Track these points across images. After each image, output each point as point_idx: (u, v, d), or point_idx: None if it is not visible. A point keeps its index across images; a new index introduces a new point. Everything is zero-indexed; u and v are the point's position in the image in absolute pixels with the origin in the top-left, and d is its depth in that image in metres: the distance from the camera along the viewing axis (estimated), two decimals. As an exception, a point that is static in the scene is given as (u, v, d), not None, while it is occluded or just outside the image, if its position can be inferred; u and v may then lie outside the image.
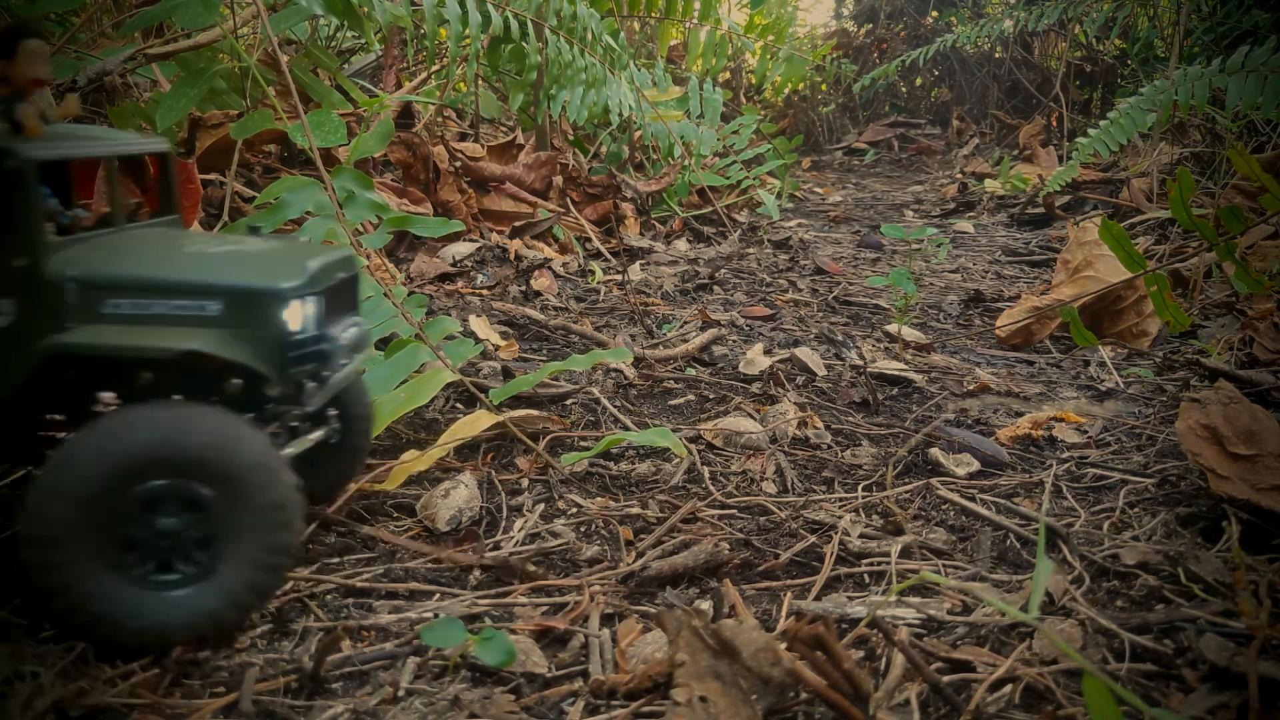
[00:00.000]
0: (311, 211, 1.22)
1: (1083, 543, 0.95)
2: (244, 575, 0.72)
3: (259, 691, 0.70)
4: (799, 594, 0.87)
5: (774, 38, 3.41)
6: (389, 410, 1.08)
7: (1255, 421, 1.00)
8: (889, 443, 1.27)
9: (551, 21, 2.19)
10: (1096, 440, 1.29)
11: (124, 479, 0.69)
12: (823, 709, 0.68)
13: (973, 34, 4.16)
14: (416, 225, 1.32)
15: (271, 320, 0.76)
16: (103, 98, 1.75)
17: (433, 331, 1.17)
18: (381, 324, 1.17)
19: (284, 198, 1.23)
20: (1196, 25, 3.23)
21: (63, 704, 0.66)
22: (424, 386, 1.10)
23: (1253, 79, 2.14)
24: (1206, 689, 0.70)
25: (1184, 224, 1.43)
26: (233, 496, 0.71)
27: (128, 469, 0.69)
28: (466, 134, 2.80)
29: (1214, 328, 1.83)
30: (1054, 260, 2.25)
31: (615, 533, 0.97)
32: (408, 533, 0.97)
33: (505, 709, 0.68)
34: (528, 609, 0.83)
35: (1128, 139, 2.54)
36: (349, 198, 1.25)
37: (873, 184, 4.08)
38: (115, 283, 0.75)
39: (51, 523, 0.69)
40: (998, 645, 0.77)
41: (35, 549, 0.69)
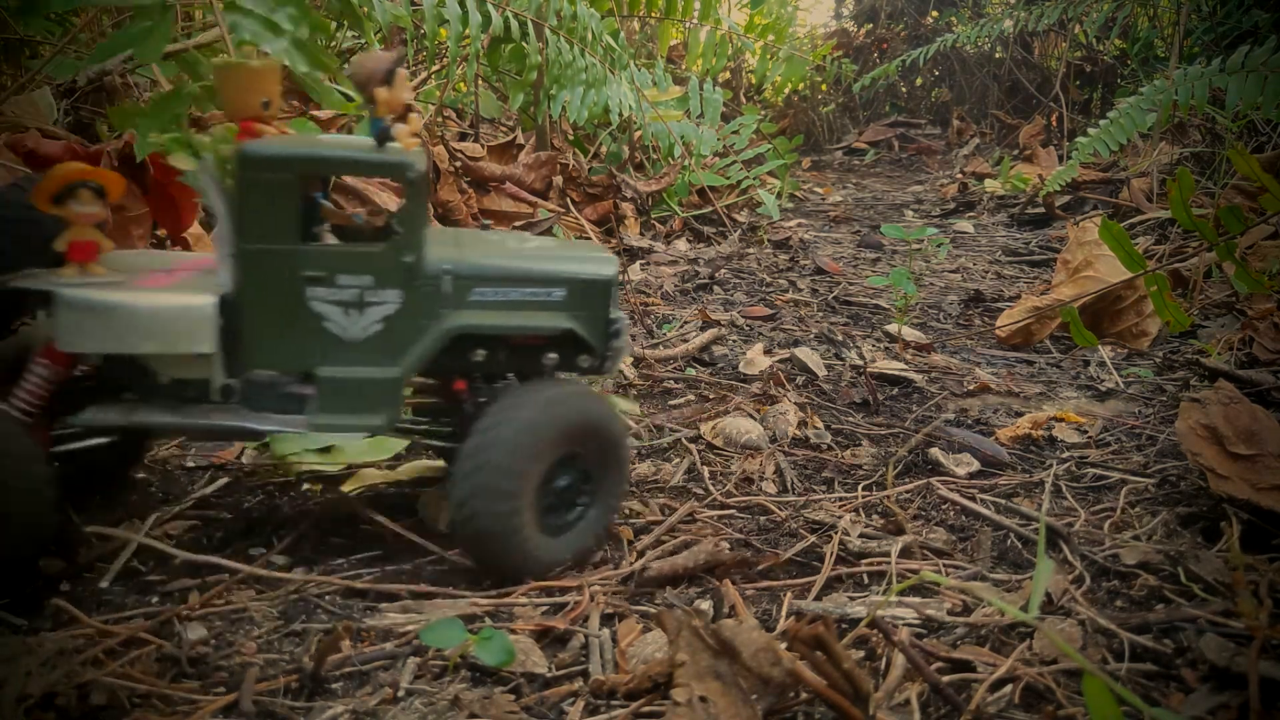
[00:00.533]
0: None
1: (1083, 542, 0.95)
2: (603, 515, 0.93)
3: (259, 691, 0.70)
4: (799, 594, 0.87)
5: (774, 38, 3.40)
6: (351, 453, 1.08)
7: (1255, 421, 1.00)
8: (889, 443, 1.27)
9: (551, 21, 2.19)
10: (1096, 440, 1.29)
11: (557, 446, 0.86)
12: (823, 709, 0.68)
13: (973, 34, 4.16)
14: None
15: (602, 304, 0.91)
16: (103, 98, 1.75)
17: None
18: None
19: None
20: (1196, 25, 3.23)
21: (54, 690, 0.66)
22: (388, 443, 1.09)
23: (1253, 79, 2.14)
24: (1206, 689, 0.70)
25: (1184, 224, 1.43)
26: (609, 457, 0.91)
27: (561, 438, 0.86)
28: (466, 134, 2.81)
29: (1214, 328, 1.83)
30: (1054, 260, 2.25)
31: (615, 533, 0.97)
32: (407, 531, 0.97)
33: (505, 709, 0.68)
34: (528, 609, 0.83)
35: (1127, 139, 2.54)
36: None
37: (873, 184, 4.08)
38: (481, 274, 0.87)
39: (514, 479, 0.83)
40: (998, 645, 0.77)
41: (495, 501, 0.83)
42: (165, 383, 0.84)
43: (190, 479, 1.07)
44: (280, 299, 0.83)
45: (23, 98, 1.64)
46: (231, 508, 1.01)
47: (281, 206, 0.81)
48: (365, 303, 0.84)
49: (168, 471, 1.09)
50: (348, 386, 0.84)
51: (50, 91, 1.70)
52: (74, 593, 0.83)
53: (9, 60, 1.86)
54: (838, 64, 4.81)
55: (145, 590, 0.84)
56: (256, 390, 0.85)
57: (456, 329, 0.86)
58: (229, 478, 1.07)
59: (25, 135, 1.45)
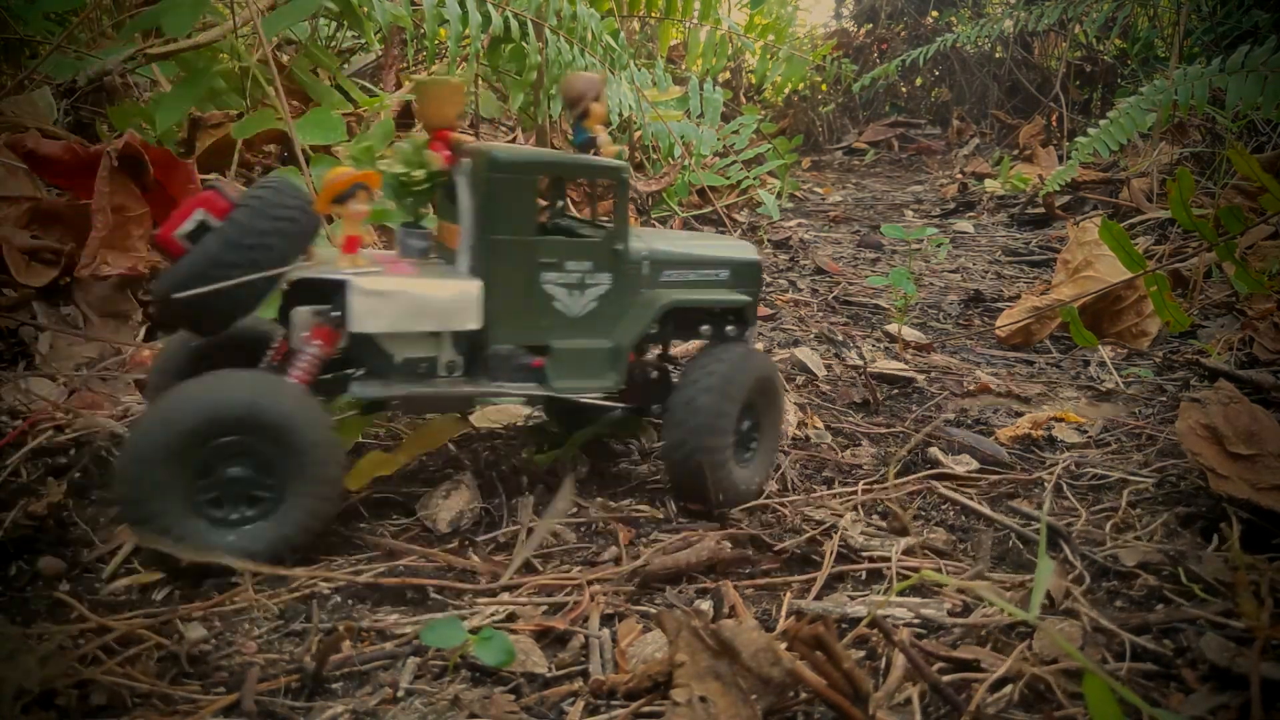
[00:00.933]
0: None
1: (1083, 542, 0.95)
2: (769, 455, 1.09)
3: (259, 691, 0.70)
4: (799, 594, 0.87)
5: (774, 38, 3.40)
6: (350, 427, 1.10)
7: (1255, 421, 1.00)
8: (889, 443, 1.27)
9: (551, 21, 2.19)
10: (1096, 440, 1.29)
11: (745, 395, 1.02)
12: (823, 709, 0.68)
13: (973, 34, 4.16)
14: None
15: (755, 281, 1.10)
16: (103, 98, 1.75)
17: None
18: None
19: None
20: (1196, 25, 3.23)
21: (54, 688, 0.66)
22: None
23: (1253, 79, 2.14)
24: (1207, 689, 0.70)
25: (1184, 224, 1.43)
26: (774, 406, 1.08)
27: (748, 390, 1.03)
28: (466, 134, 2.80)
29: (1214, 328, 1.82)
30: (1054, 260, 2.25)
31: (614, 531, 0.97)
32: (406, 533, 0.97)
33: (505, 709, 0.68)
34: (528, 609, 0.83)
35: (1127, 139, 2.54)
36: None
37: (873, 184, 4.08)
38: (669, 259, 1.04)
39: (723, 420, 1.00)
40: (998, 645, 0.77)
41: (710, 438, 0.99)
42: (398, 362, 0.94)
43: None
44: (520, 282, 0.96)
45: (23, 98, 1.63)
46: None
47: (524, 203, 0.94)
48: (585, 284, 0.99)
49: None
50: (575, 355, 0.99)
51: (50, 91, 1.70)
52: (74, 592, 0.83)
53: (9, 60, 1.86)
54: (838, 64, 4.81)
55: (145, 589, 0.84)
56: (497, 362, 0.96)
57: (670, 303, 1.03)
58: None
59: (25, 135, 1.45)
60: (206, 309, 0.87)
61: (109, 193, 1.39)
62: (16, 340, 1.36)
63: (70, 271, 1.40)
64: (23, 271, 1.38)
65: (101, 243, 1.39)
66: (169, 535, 0.81)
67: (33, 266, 1.40)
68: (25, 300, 1.39)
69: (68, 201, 1.47)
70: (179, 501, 0.82)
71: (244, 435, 0.82)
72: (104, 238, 1.39)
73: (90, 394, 1.27)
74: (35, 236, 1.43)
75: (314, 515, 0.86)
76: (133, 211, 1.42)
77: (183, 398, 0.81)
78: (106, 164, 1.38)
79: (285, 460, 0.84)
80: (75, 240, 1.42)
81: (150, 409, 0.83)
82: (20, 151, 1.43)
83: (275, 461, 0.84)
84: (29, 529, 0.92)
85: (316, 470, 0.85)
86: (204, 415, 0.81)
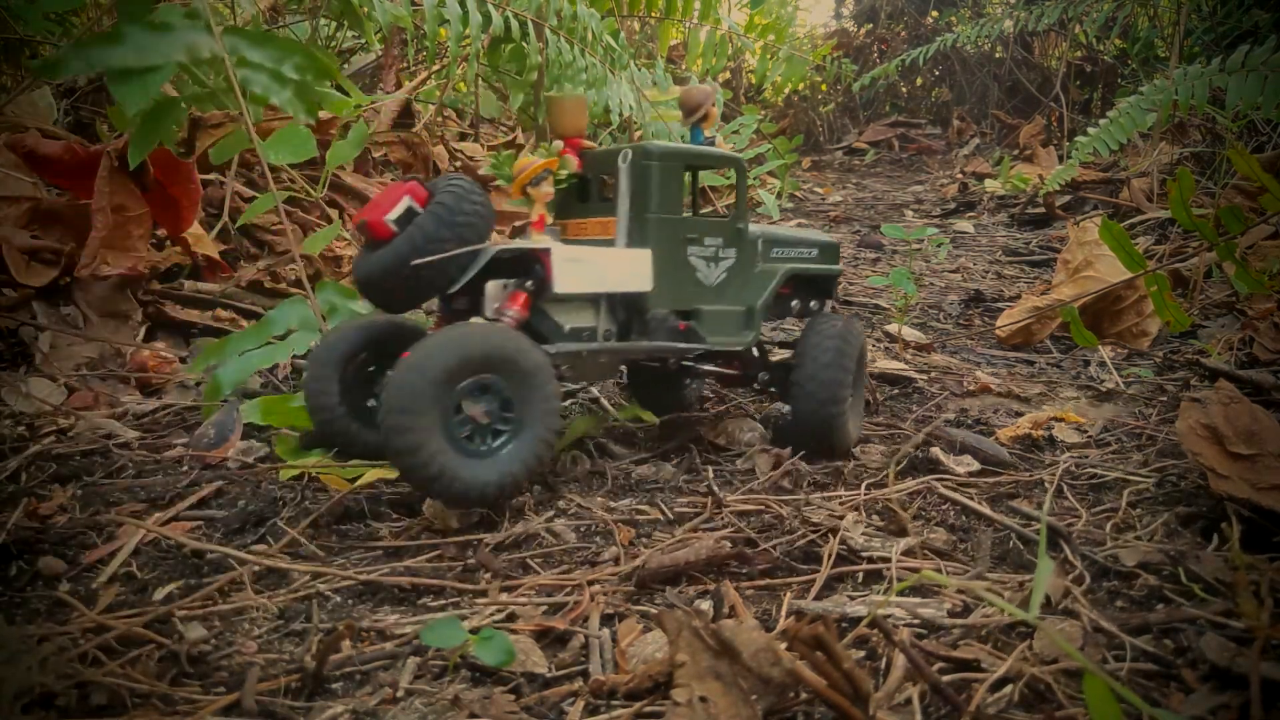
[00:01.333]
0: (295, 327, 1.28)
1: (1083, 543, 0.95)
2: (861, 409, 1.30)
3: (260, 691, 0.70)
4: (799, 594, 0.87)
5: (774, 38, 3.40)
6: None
7: (1255, 421, 1.00)
8: (889, 442, 1.27)
9: (552, 21, 2.19)
10: (1096, 440, 1.29)
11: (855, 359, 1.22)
12: (823, 709, 0.68)
13: (973, 34, 4.16)
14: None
15: (836, 259, 1.31)
16: (103, 98, 1.75)
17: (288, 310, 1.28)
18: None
19: (270, 315, 1.30)
20: (1196, 25, 3.23)
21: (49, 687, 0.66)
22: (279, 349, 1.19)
23: (1253, 79, 2.14)
24: (1207, 689, 0.70)
25: (1184, 224, 1.43)
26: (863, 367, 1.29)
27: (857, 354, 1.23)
28: (466, 134, 2.80)
29: (1214, 328, 1.82)
30: (1054, 260, 2.25)
31: (615, 532, 0.97)
32: (407, 531, 0.97)
33: (505, 709, 0.68)
34: (528, 609, 0.83)
35: (1127, 138, 2.54)
36: (332, 310, 1.30)
37: (873, 184, 4.08)
38: (774, 239, 1.23)
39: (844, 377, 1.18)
40: (998, 645, 0.77)
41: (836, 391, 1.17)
42: (567, 330, 1.07)
43: (184, 481, 1.07)
44: (671, 255, 1.12)
45: (23, 98, 1.63)
46: (228, 507, 1.01)
47: (674, 188, 1.11)
48: (718, 258, 1.16)
49: (164, 474, 1.09)
50: (719, 316, 1.16)
51: (50, 91, 1.70)
52: (74, 591, 0.83)
53: (9, 60, 1.86)
54: (838, 64, 4.81)
55: (145, 589, 0.84)
56: (655, 324, 1.12)
57: (790, 270, 1.23)
58: (223, 480, 1.07)
59: (25, 135, 1.45)
60: (419, 281, 0.99)
61: (109, 193, 1.39)
62: (16, 340, 1.36)
63: (70, 271, 1.40)
64: (23, 271, 1.38)
65: (101, 243, 1.39)
66: (430, 467, 0.90)
67: (33, 266, 1.40)
68: (25, 300, 1.39)
69: (68, 201, 1.47)
70: (438, 436, 0.91)
71: (490, 374, 0.94)
72: (104, 238, 1.39)
73: (89, 393, 1.27)
74: (35, 236, 1.43)
75: (545, 445, 0.98)
76: (133, 211, 1.42)
77: (438, 345, 0.91)
78: (106, 164, 1.38)
79: (521, 398, 0.96)
80: (75, 240, 1.42)
81: (409, 357, 0.91)
82: (20, 151, 1.43)
83: (513, 399, 0.96)
84: (30, 530, 0.92)
85: (546, 406, 0.97)
86: (457, 358, 0.91)
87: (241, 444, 1.15)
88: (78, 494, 1.01)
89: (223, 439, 1.16)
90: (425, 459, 0.90)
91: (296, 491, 1.04)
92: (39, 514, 0.96)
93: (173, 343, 1.46)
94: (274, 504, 1.01)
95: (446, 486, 0.91)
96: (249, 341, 1.26)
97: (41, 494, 1.00)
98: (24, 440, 1.13)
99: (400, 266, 0.98)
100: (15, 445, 1.11)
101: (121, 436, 1.16)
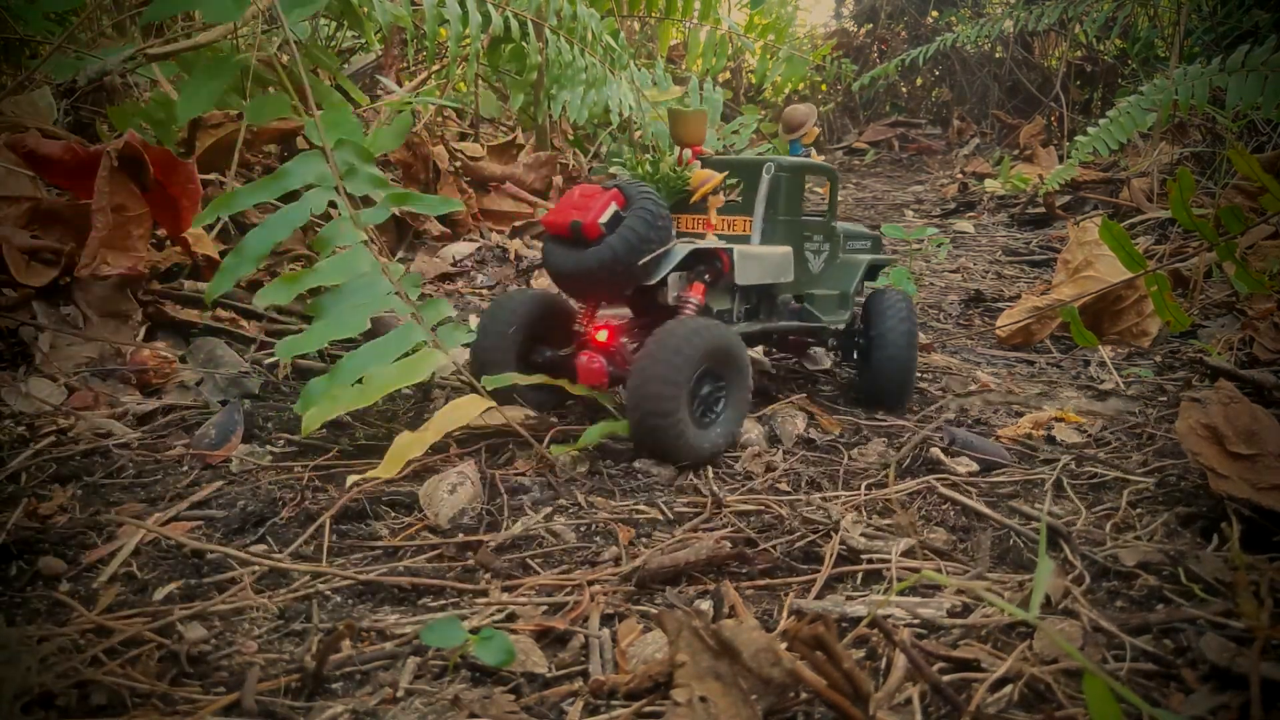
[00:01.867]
0: (313, 182, 1.21)
1: (1083, 542, 0.95)
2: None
3: (260, 691, 0.70)
4: (799, 593, 0.87)
5: (774, 37, 3.40)
6: (380, 384, 1.07)
7: (1255, 421, 1.00)
8: (890, 442, 1.27)
9: (551, 21, 2.19)
10: (1097, 440, 1.29)
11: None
12: (823, 709, 0.68)
13: (973, 34, 4.16)
14: (415, 202, 1.27)
15: (883, 250, 1.56)
16: (103, 98, 1.75)
17: (428, 313, 1.15)
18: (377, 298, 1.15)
19: (285, 167, 1.21)
20: (1196, 25, 3.23)
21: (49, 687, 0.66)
22: (416, 366, 1.09)
23: (1253, 78, 2.14)
24: (1207, 689, 0.70)
25: (1184, 224, 1.43)
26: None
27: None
28: (466, 134, 2.80)
29: (1214, 327, 1.82)
30: (1054, 260, 2.25)
31: (615, 532, 0.97)
32: (406, 530, 0.97)
33: (505, 709, 0.68)
34: (528, 609, 0.83)
35: (1127, 138, 2.54)
36: (350, 170, 1.23)
37: (873, 184, 4.08)
38: (849, 234, 1.48)
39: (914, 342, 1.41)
40: (998, 645, 0.77)
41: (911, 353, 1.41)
42: (715, 313, 1.28)
43: (184, 481, 1.07)
44: (795, 250, 1.34)
45: (23, 98, 1.63)
46: (228, 507, 1.00)
47: (797, 195, 1.34)
48: (820, 251, 1.39)
49: (164, 474, 1.09)
50: (826, 299, 1.41)
51: (50, 91, 1.70)
52: (74, 591, 0.83)
53: (9, 60, 1.86)
54: (838, 64, 4.81)
55: (145, 589, 0.84)
56: (781, 306, 1.37)
57: (871, 260, 1.48)
58: (222, 480, 1.07)
59: (25, 135, 1.45)
60: (628, 275, 1.17)
61: (109, 193, 1.39)
62: (16, 340, 1.36)
63: (70, 271, 1.40)
64: (23, 271, 1.38)
65: (101, 243, 1.39)
66: (675, 430, 1.10)
67: (33, 266, 1.40)
68: (25, 300, 1.39)
69: (68, 201, 1.47)
70: (677, 414, 1.10)
71: (720, 361, 1.16)
72: (104, 238, 1.39)
73: (89, 393, 1.27)
74: (35, 236, 1.43)
75: (739, 421, 1.20)
76: (133, 211, 1.42)
77: (686, 336, 1.12)
78: (106, 164, 1.38)
79: (731, 379, 1.18)
80: (75, 240, 1.42)
81: (658, 349, 1.10)
82: (20, 151, 1.43)
83: (725, 378, 1.17)
84: (30, 530, 0.92)
85: (745, 382, 1.19)
86: (703, 348, 1.12)
87: (244, 447, 1.15)
88: (78, 494, 1.01)
89: (223, 439, 1.16)
90: (674, 423, 1.10)
91: (296, 491, 1.04)
92: (39, 514, 0.96)
93: (173, 343, 1.46)
94: (273, 504, 1.01)
95: (683, 448, 1.12)
96: (262, 194, 1.19)
97: (41, 494, 1.00)
98: (24, 440, 1.13)
99: (614, 263, 1.15)
100: (15, 445, 1.11)
101: (121, 436, 1.16)
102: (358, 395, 1.07)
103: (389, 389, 1.08)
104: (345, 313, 1.13)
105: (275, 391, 1.37)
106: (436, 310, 1.16)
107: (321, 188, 1.20)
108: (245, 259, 1.15)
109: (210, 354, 1.40)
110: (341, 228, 1.19)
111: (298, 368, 1.43)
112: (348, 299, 1.14)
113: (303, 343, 1.12)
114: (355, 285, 1.15)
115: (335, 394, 1.08)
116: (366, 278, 1.16)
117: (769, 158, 1.32)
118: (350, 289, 1.15)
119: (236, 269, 1.15)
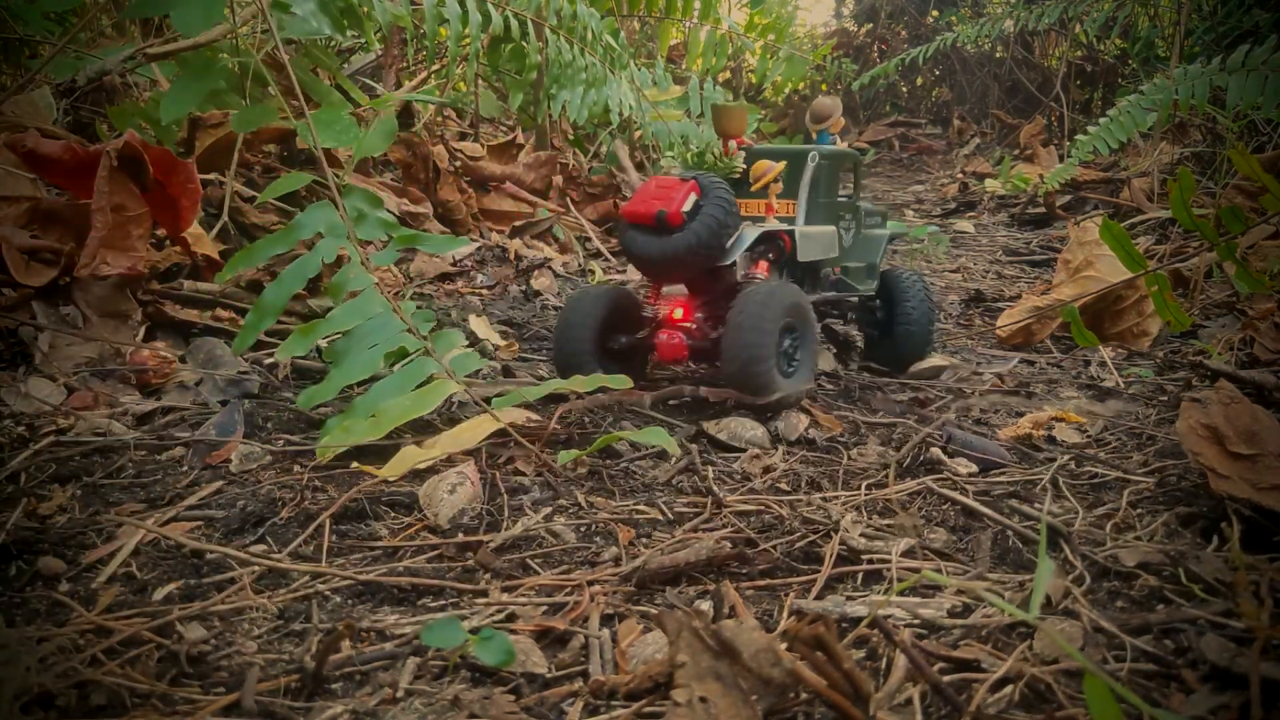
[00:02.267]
0: (323, 232, 1.26)
1: (1083, 543, 0.95)
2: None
3: (260, 691, 0.70)
4: (800, 594, 0.87)
5: (774, 37, 3.40)
6: (394, 416, 1.12)
7: (1256, 421, 1.00)
8: (890, 442, 1.27)
9: (551, 21, 2.19)
10: (1097, 440, 1.29)
11: None
12: (823, 709, 0.68)
13: (973, 33, 4.16)
14: (425, 243, 1.35)
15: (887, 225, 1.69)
16: (103, 98, 1.74)
17: (439, 345, 1.20)
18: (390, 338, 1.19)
19: (298, 219, 1.27)
20: (1197, 25, 3.23)
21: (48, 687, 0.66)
22: (429, 396, 1.14)
23: (1253, 78, 2.14)
24: (1207, 689, 0.70)
25: (1184, 224, 1.43)
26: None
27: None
28: (466, 134, 2.80)
29: (1214, 328, 1.82)
30: (1054, 260, 2.25)
31: (615, 532, 0.97)
32: (406, 530, 0.97)
33: (505, 709, 0.68)
34: (528, 609, 0.83)
35: (1128, 138, 2.54)
36: (360, 218, 1.28)
37: (873, 184, 4.07)
38: (868, 212, 1.61)
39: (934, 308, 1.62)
40: (999, 645, 0.77)
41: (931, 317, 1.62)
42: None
43: (184, 481, 1.07)
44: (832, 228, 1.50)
45: (23, 98, 1.63)
46: (228, 507, 1.00)
47: (832, 178, 1.49)
48: (849, 228, 1.55)
49: (164, 474, 1.09)
50: (856, 270, 1.57)
51: (50, 91, 1.70)
52: (74, 592, 0.83)
53: (9, 60, 1.86)
54: (838, 63, 4.81)
55: (144, 589, 0.84)
56: (823, 278, 1.54)
57: (891, 233, 1.66)
58: (222, 480, 1.07)
59: (25, 135, 1.45)
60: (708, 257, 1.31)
61: (109, 193, 1.39)
62: (16, 340, 1.36)
63: (70, 271, 1.40)
64: (23, 271, 1.38)
65: (101, 243, 1.39)
66: (767, 377, 1.26)
67: (33, 266, 1.40)
68: (25, 300, 1.38)
69: (68, 201, 1.47)
70: (772, 360, 1.27)
71: (796, 317, 1.33)
72: (104, 238, 1.39)
73: (89, 393, 1.27)
74: (35, 236, 1.43)
75: (813, 373, 1.38)
76: (132, 211, 1.41)
77: (772, 295, 1.29)
78: (106, 164, 1.38)
79: (804, 333, 1.35)
80: (75, 240, 1.42)
81: (749, 306, 1.27)
82: (20, 151, 1.43)
83: (799, 333, 1.34)
84: (30, 530, 0.92)
85: (815, 335, 1.37)
86: (788, 304, 1.30)
87: (243, 447, 1.15)
88: (77, 494, 1.01)
89: (223, 439, 1.16)
90: (766, 370, 1.26)
91: (296, 491, 1.04)
92: (39, 514, 0.96)
93: (172, 343, 1.46)
94: (273, 504, 1.01)
95: (772, 392, 1.27)
96: (278, 246, 1.25)
97: (41, 494, 1.00)
98: (24, 440, 1.13)
99: (700, 246, 1.29)
100: (15, 445, 1.11)
101: (121, 436, 1.16)
102: (371, 427, 1.12)
103: (402, 420, 1.13)
104: (361, 356, 1.19)
105: (275, 392, 1.37)
106: (447, 341, 1.21)
107: (332, 236, 1.25)
108: (266, 313, 1.23)
109: (210, 354, 1.40)
110: (353, 273, 1.24)
111: (297, 368, 1.43)
112: (362, 342, 1.20)
113: (322, 391, 1.18)
114: (368, 328, 1.21)
115: (348, 426, 1.13)
116: (379, 319, 1.21)
117: (812, 147, 1.48)
118: (363, 332, 1.21)
119: (258, 324, 1.23)
